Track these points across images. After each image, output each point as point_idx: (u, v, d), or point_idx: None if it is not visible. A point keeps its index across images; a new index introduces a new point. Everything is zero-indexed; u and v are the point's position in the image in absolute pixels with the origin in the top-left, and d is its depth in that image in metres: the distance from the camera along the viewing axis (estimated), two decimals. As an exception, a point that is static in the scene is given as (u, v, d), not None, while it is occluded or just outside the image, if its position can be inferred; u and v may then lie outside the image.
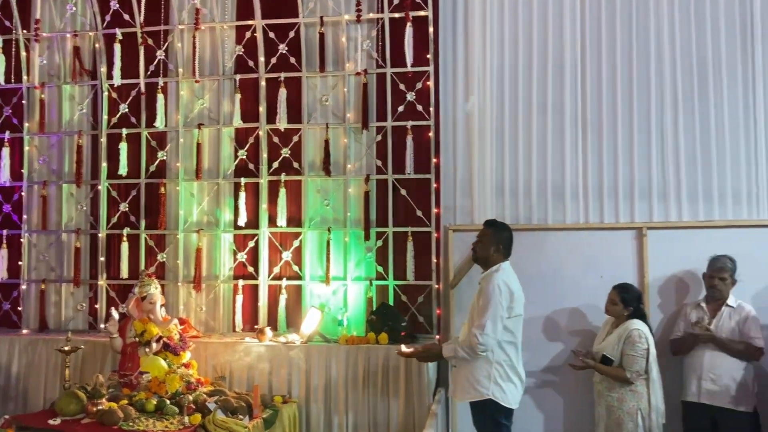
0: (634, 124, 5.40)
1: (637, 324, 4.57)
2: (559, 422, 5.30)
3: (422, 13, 5.59)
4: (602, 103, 5.46)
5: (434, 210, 5.57)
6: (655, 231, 5.24)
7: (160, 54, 6.05)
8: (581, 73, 5.50)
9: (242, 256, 5.87)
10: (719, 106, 5.31)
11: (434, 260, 5.54)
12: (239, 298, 5.78)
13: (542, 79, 5.55)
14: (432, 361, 4.80)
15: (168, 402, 4.43)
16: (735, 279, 4.73)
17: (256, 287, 5.80)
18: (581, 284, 5.28)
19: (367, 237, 5.66)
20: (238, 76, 5.92)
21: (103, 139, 6.08)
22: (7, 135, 6.24)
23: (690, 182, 5.30)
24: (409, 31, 5.54)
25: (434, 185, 5.58)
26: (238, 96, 5.89)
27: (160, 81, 6.00)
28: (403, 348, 4.60)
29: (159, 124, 5.99)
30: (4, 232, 6.21)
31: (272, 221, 5.81)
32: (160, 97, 5.98)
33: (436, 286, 5.52)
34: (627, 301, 4.64)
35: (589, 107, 5.48)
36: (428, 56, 5.61)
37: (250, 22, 5.89)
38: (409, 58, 5.55)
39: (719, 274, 4.70)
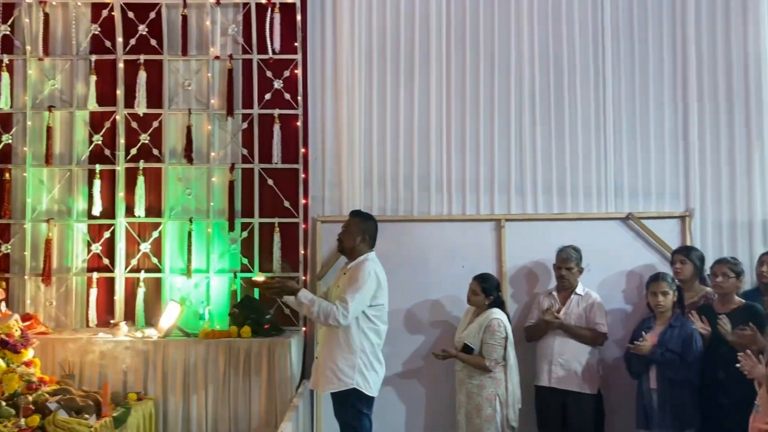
0: (495, 120, 5.57)
1: (496, 313, 4.72)
2: (420, 413, 5.38)
3: (289, 0, 5.51)
4: (466, 99, 5.59)
5: (302, 201, 5.51)
6: (513, 222, 5.44)
7: (4, 29, 5.59)
8: (446, 69, 5.61)
9: (97, 248, 5.53)
10: (573, 107, 5.57)
11: (302, 252, 5.48)
12: (93, 292, 5.44)
13: (409, 72, 5.61)
14: (282, 295, 4.44)
15: (4, 404, 4.09)
16: (581, 267, 5.00)
17: (111, 280, 5.49)
18: (444, 274, 5.39)
19: (231, 228, 5.50)
20: (93, 57, 5.56)
21: (-62, 120, 5.56)
22: None
23: (545, 177, 5.54)
24: (276, 17, 5.44)
25: (302, 175, 5.51)
26: (94, 78, 5.54)
27: (5, 58, 5.54)
28: (258, 277, 4.56)
29: (3, 104, 5.53)
30: None
31: (130, 211, 5.52)
32: (4, 75, 5.52)
33: (304, 277, 5.46)
34: (487, 290, 4.78)
35: (454, 103, 5.60)
36: (296, 44, 5.53)
37: (106, 0, 5.56)
38: (275, 45, 5.46)
39: (565, 264, 4.95)
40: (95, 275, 5.47)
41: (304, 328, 5.39)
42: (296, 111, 5.54)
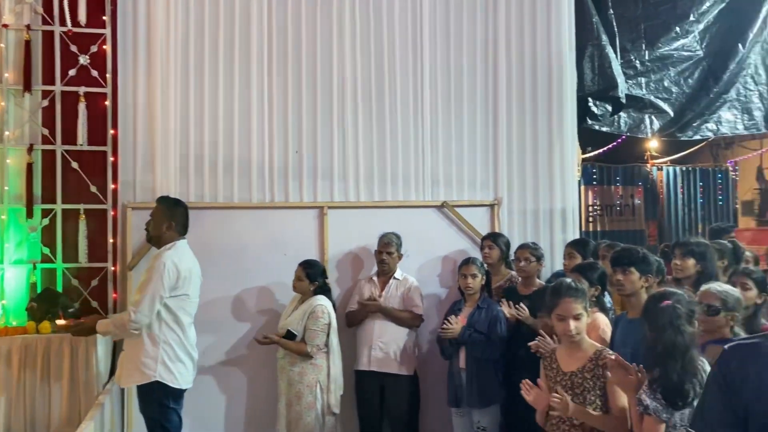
0: (318, 108, 5.54)
1: (320, 300, 4.72)
2: (241, 403, 5.28)
3: (96, -31, 5.12)
4: (289, 85, 5.50)
5: (111, 186, 5.14)
6: (335, 210, 5.48)
7: None
8: (268, 53, 5.49)
9: None
10: (393, 98, 5.68)
11: (110, 240, 5.12)
12: None
13: (229, 53, 5.42)
14: (86, 335, 4.37)
15: None
16: (401, 253, 5.16)
17: None
18: (267, 262, 5.31)
19: (29, 215, 5.01)
20: None
21: None
22: None
23: (367, 166, 5.62)
24: (81, -13, 5.03)
25: (111, 158, 5.15)
26: None
27: None
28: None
29: None
30: None
31: None
32: None
33: (113, 267, 5.11)
34: (311, 276, 4.77)
35: (276, 88, 5.49)
36: (104, 18, 5.15)
37: None
38: (81, 17, 5.05)
39: (386, 249, 5.08)
40: None
41: (113, 322, 5.05)
42: (105, 89, 5.15)
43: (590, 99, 6.25)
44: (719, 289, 3.07)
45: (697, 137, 7.25)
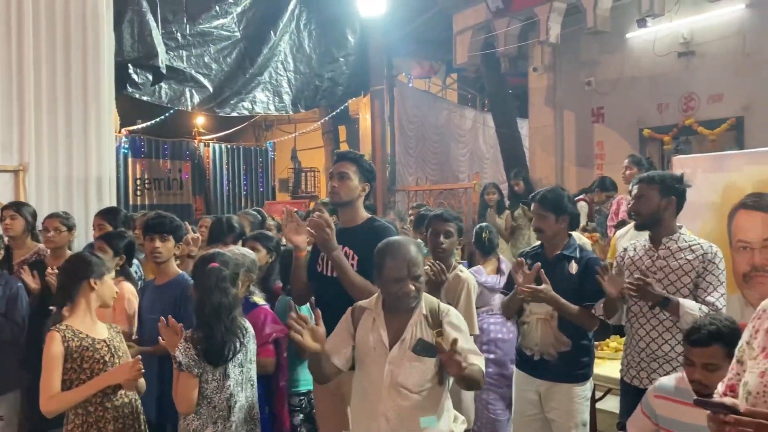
0: None
1: None
2: None
3: None
4: None
5: None
6: None
7: None
8: None
9: None
10: None
11: None
12: None
13: None
14: None
15: None
16: None
17: None
18: None
19: None
20: None
21: None
22: None
23: None
24: None
25: None
26: None
27: None
28: None
29: None
30: None
31: None
32: None
33: None
34: None
35: None
36: None
37: None
38: None
39: None
40: None
41: None
42: None
43: (131, 66, 6.07)
44: (238, 253, 3.28)
45: (235, 114, 7.70)
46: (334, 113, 10.72)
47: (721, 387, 1.81)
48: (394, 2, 8.22)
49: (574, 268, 3.20)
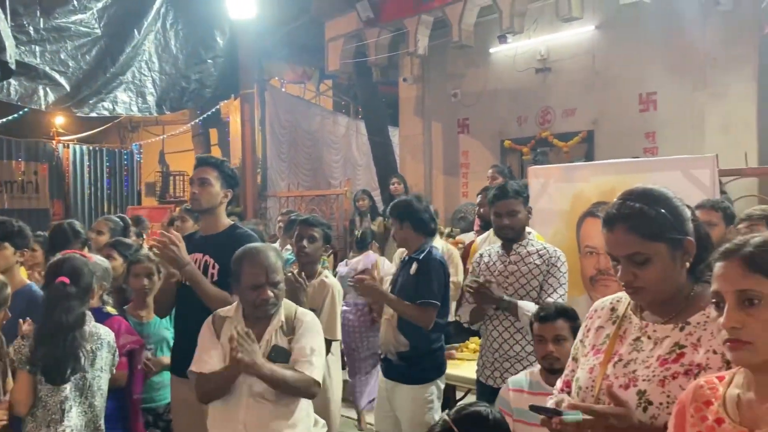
0: None
1: None
2: None
3: None
4: None
5: None
6: None
7: None
8: None
9: None
10: None
11: None
12: None
13: None
14: None
15: None
16: None
17: None
18: None
19: None
20: None
21: None
22: None
23: None
24: None
25: None
26: None
27: None
28: None
29: None
30: None
31: None
32: None
33: None
34: None
35: None
36: None
37: None
38: None
39: None
40: None
41: None
42: None
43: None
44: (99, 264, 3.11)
45: (94, 114, 7.31)
46: (204, 116, 10.44)
47: (559, 383, 1.95)
48: (265, 6, 8.14)
49: (413, 268, 3.31)
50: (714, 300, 1.38)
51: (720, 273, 1.36)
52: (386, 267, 5.32)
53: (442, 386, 3.44)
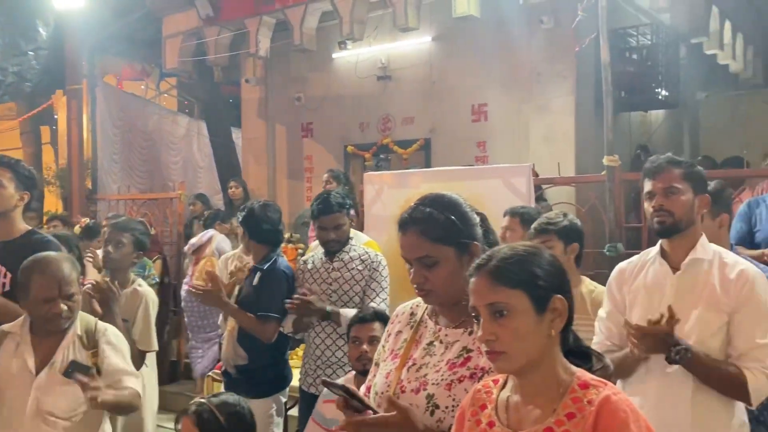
0: None
1: None
2: None
3: None
4: None
5: None
6: None
7: None
8: None
9: None
10: None
11: None
12: None
13: None
14: None
15: None
16: None
17: None
18: None
19: None
20: None
21: None
22: None
23: None
24: None
25: None
26: None
27: None
28: None
29: None
30: None
31: None
32: None
33: None
34: None
35: None
36: None
37: None
38: None
39: None
40: None
41: None
42: None
43: None
44: None
45: None
46: (35, 112, 9.60)
47: (363, 388, 1.95)
48: (95, -3, 7.62)
49: (256, 279, 3.24)
50: (473, 314, 1.43)
51: (472, 288, 1.42)
52: (221, 244, 5.89)
53: (284, 400, 3.38)
